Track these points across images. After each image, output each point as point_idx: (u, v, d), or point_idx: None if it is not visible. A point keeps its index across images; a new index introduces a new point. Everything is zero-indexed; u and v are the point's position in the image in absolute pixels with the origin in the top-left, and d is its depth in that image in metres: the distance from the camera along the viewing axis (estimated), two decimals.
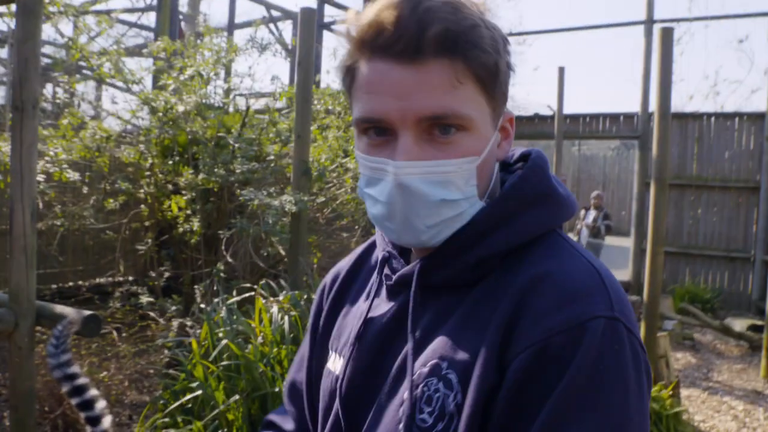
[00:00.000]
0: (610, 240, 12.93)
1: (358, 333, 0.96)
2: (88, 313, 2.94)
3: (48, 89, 7.88)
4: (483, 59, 0.81)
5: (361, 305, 1.02)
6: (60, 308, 3.07)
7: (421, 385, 0.84)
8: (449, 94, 0.80)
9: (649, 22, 10.00)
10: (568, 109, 10.21)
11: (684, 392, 5.54)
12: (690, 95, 21.01)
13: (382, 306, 0.97)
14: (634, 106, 10.42)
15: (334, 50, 7.78)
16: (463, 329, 0.84)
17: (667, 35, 5.10)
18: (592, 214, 11.55)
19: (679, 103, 12.22)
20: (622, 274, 10.96)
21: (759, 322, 7.71)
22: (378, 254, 1.02)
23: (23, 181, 2.98)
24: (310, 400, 1.10)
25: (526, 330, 0.77)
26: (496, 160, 0.91)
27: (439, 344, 0.85)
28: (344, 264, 1.15)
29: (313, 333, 1.14)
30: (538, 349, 0.75)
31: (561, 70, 9.76)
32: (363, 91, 0.84)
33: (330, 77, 8.23)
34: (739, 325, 7.96)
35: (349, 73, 0.87)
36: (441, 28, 0.78)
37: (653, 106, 7.07)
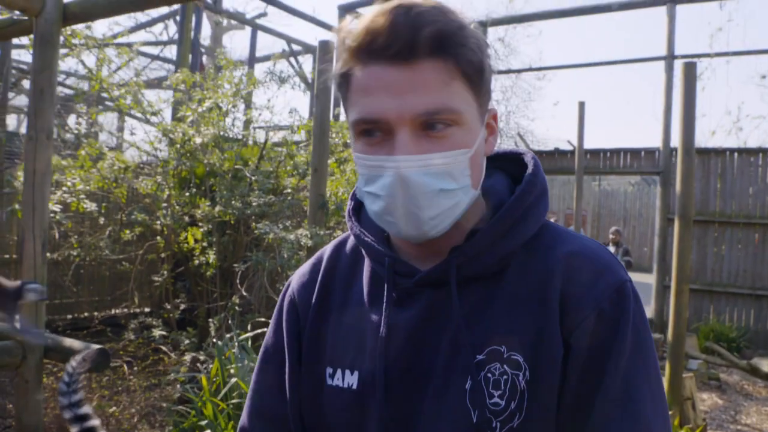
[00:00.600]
0: (630, 276, 12.74)
1: (385, 341, 0.96)
2: (97, 347, 2.87)
3: (71, 120, 7.96)
4: (471, 58, 0.87)
5: (366, 313, 1.01)
6: (69, 342, 3.01)
7: (483, 372, 0.90)
8: (442, 91, 0.86)
9: (670, 57, 9.94)
10: (588, 145, 10.13)
11: None
12: (712, 131, 20.83)
13: (401, 311, 0.97)
14: (655, 142, 10.31)
15: None
16: (511, 313, 0.92)
17: (690, 70, 5.04)
18: (611, 249, 11.39)
19: (702, 138, 12.10)
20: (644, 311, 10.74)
21: None
22: (367, 264, 1.05)
23: (35, 211, 2.94)
24: (309, 427, 1.05)
25: (579, 300, 0.89)
26: (485, 154, 0.97)
27: (489, 331, 0.92)
28: (306, 279, 1.12)
29: (293, 356, 1.07)
30: (595, 315, 0.88)
31: (581, 105, 9.70)
32: (360, 95, 0.89)
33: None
34: (767, 365, 7.72)
35: (344, 80, 0.91)
36: (433, 30, 0.84)
37: (675, 141, 6.96)
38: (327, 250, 1.13)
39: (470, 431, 0.90)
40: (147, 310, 6.64)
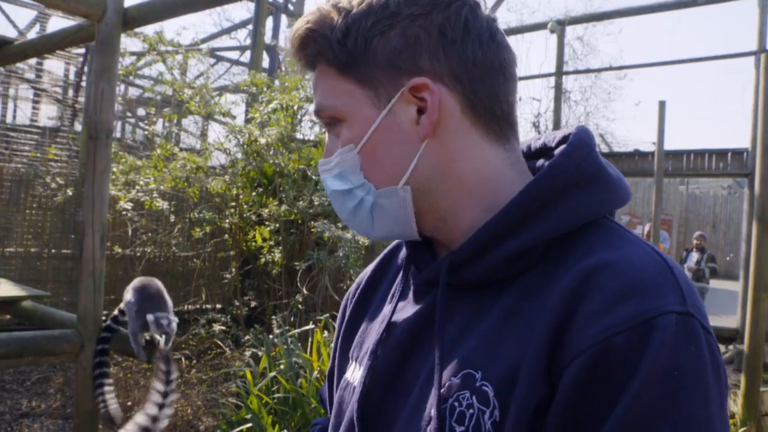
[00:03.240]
0: (717, 284, 12.15)
1: (380, 339, 0.87)
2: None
3: (160, 124, 8.31)
4: (333, 50, 0.82)
5: (385, 309, 0.94)
6: (125, 331, 3.12)
7: (451, 400, 0.74)
8: (325, 91, 0.85)
9: (761, 51, 9.41)
10: (672, 146, 9.73)
11: None
12: None
13: (408, 309, 0.88)
14: (744, 142, 9.79)
15: None
16: (502, 333, 0.73)
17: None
18: (695, 256, 10.89)
19: None
20: (730, 320, 10.21)
21: None
22: (403, 253, 1.00)
23: (94, 207, 3.07)
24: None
25: (582, 330, 0.65)
26: (420, 138, 0.81)
27: (472, 351, 0.75)
28: (367, 270, 1.10)
29: (336, 345, 1.08)
30: (598, 351, 0.63)
31: (662, 105, 9.31)
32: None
33: None
34: None
35: None
36: (301, 45, 0.85)
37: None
38: (390, 246, 1.10)
39: None
40: (218, 306, 6.84)
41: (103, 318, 3.17)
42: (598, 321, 0.64)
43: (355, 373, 0.93)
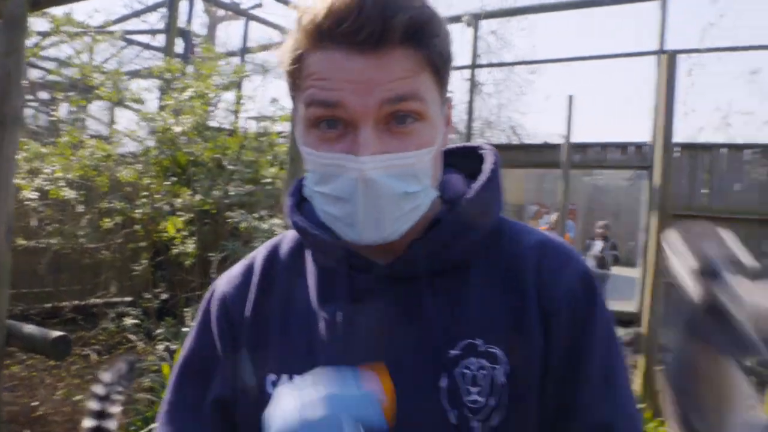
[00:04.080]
0: (619, 270, 12.77)
1: (343, 341, 0.90)
2: (56, 334, 2.87)
3: (63, 109, 7.94)
4: (440, 48, 0.83)
5: (316, 315, 0.93)
6: (30, 328, 3.01)
7: (458, 369, 0.86)
8: (410, 80, 0.80)
9: (661, 52, 9.92)
10: (578, 139, 10.13)
11: None
12: (700, 127, 20.84)
13: (359, 307, 0.90)
14: (644, 137, 10.32)
15: None
16: (486, 305, 0.89)
17: (672, 61, 5.02)
18: (599, 244, 11.41)
19: (690, 134, 12.10)
20: (629, 304, 10.77)
21: None
22: (310, 263, 0.98)
23: (0, 197, 2.94)
24: None
25: (555, 287, 0.89)
26: (441, 149, 0.92)
27: (462, 325, 0.88)
28: (238, 282, 1.01)
29: (227, 366, 0.97)
30: (572, 301, 0.88)
31: (570, 99, 9.69)
32: (316, 81, 0.81)
33: None
34: (747, 359, 7.75)
35: (296, 64, 0.83)
36: (407, 18, 0.78)
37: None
38: (260, 252, 1.03)
39: (449, 430, 0.85)
40: (127, 299, 6.64)
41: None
42: (563, 277, 0.90)
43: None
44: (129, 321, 5.05)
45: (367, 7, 0.76)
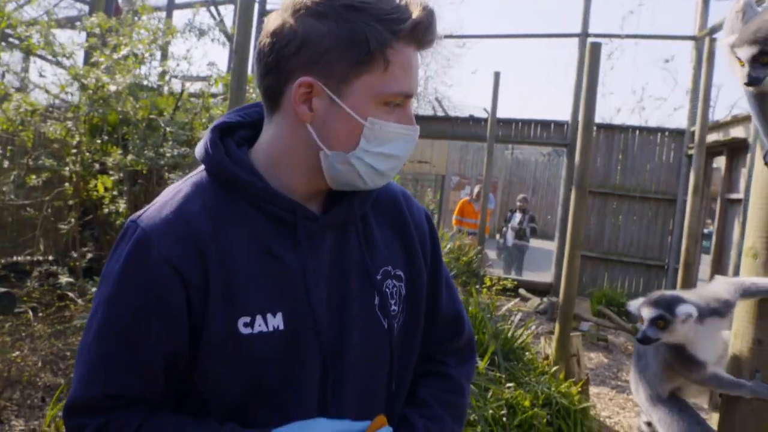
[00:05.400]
0: (536, 242, 13.31)
1: (304, 278, 1.10)
2: (1, 290, 2.87)
3: None
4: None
5: (273, 259, 1.08)
6: None
7: (383, 288, 1.19)
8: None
9: (584, 35, 10.33)
10: (502, 114, 10.45)
11: (594, 390, 5.80)
12: (618, 108, 21.76)
13: (310, 250, 1.12)
14: (566, 115, 10.75)
15: None
16: (386, 238, 1.24)
17: (596, 50, 5.30)
18: (518, 216, 11.86)
19: (608, 115, 12.68)
20: (546, 276, 11.30)
21: None
22: (252, 210, 1.10)
23: None
24: (211, 394, 1.08)
25: (421, 222, 1.31)
26: None
27: (379, 256, 1.21)
28: (182, 239, 1.04)
29: (182, 326, 1.05)
30: (428, 228, 1.32)
31: (497, 75, 9.98)
32: (402, 71, 1.07)
33: None
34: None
35: (379, 47, 1.04)
36: (434, 30, 1.09)
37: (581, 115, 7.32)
38: (191, 202, 1.09)
39: (384, 335, 1.19)
40: (52, 258, 6.50)
41: None
42: (421, 217, 1.32)
43: (272, 321, 1.06)
44: (64, 279, 4.98)
45: (435, 22, 1.08)
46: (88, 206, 6.10)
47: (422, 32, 1.06)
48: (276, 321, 1.07)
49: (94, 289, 5.03)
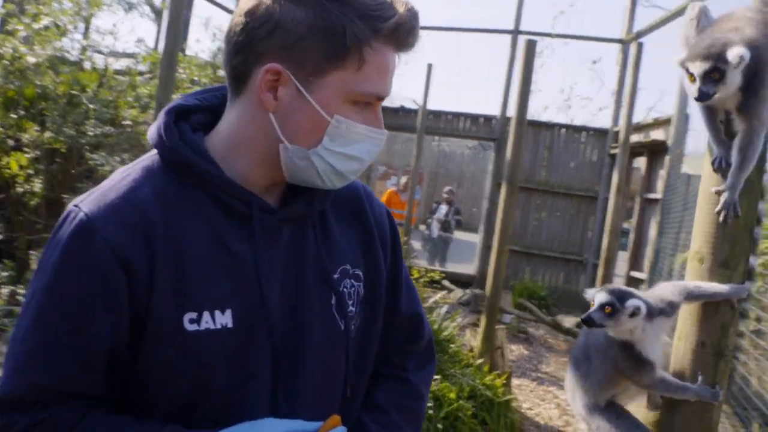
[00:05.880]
0: (460, 234, 13.50)
1: (258, 274, 1.05)
2: None
3: None
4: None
5: (227, 252, 1.03)
6: None
7: (340, 288, 1.15)
8: None
9: (516, 32, 10.51)
10: (432, 106, 10.51)
11: (515, 381, 5.92)
12: (546, 106, 22.31)
13: (266, 244, 1.07)
14: (495, 110, 10.91)
15: (206, 19, 7.52)
16: (345, 236, 1.19)
17: (530, 48, 5.38)
18: (444, 208, 12.00)
19: (536, 111, 12.93)
20: (469, 267, 11.48)
21: None
22: (208, 199, 1.05)
23: None
24: (155, 389, 1.03)
25: (382, 220, 1.28)
26: None
27: (337, 254, 1.16)
28: (130, 227, 0.98)
29: (123, 320, 0.99)
30: (389, 227, 1.29)
31: (429, 67, 10.03)
32: (377, 71, 1.03)
33: (199, 46, 7.94)
34: (568, 321, 8.59)
35: (354, 42, 1.00)
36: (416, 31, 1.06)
37: (511, 111, 7.46)
38: (140, 190, 1.02)
39: (341, 336, 1.15)
40: None
41: None
42: (383, 215, 1.28)
43: (220, 319, 1.01)
44: None
45: (418, 23, 1.05)
46: (0, 185, 5.74)
47: (404, 34, 1.03)
48: (224, 318, 1.02)
49: (5, 274, 4.75)
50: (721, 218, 1.67)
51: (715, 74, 1.58)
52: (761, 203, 1.72)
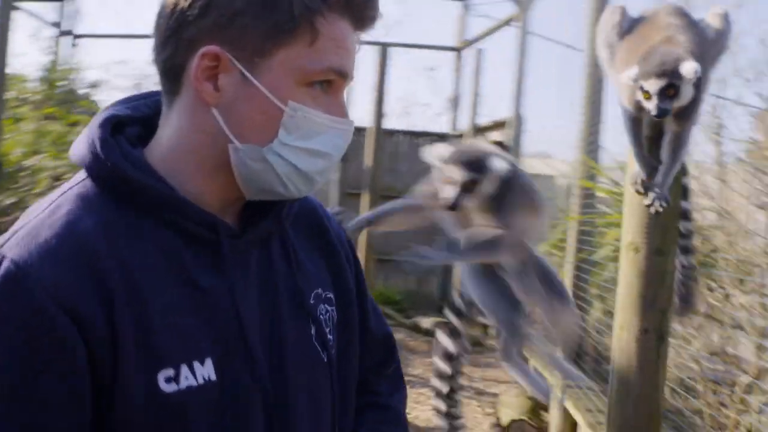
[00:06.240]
0: None
1: (239, 311, 0.88)
2: None
3: None
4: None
5: (194, 291, 0.85)
6: None
7: (317, 314, 0.99)
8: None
9: (385, 45, 10.57)
10: None
11: None
12: (386, 113, 22.88)
13: (238, 273, 0.90)
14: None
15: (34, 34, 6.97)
16: (311, 258, 1.03)
17: (384, 53, 5.43)
18: None
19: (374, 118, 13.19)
20: None
21: (441, 319, 8.56)
22: (187, 225, 0.87)
23: None
24: None
25: (342, 238, 1.13)
26: None
27: (307, 277, 1.00)
28: (74, 273, 0.78)
29: (82, 392, 0.79)
30: (349, 244, 1.15)
31: None
32: (335, 45, 0.86)
33: (23, 61, 7.25)
34: (426, 322, 8.78)
35: (305, 14, 0.83)
36: (376, 7, 0.91)
37: (360, 120, 7.48)
38: (82, 222, 0.82)
39: (326, 370, 1.00)
40: None
41: None
42: (342, 232, 1.13)
43: (201, 371, 0.83)
44: None
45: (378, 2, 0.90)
46: None
47: (360, 5, 0.87)
48: (205, 370, 0.84)
49: None
50: (653, 210, 1.73)
51: (670, 90, 1.63)
52: (686, 203, 1.83)
